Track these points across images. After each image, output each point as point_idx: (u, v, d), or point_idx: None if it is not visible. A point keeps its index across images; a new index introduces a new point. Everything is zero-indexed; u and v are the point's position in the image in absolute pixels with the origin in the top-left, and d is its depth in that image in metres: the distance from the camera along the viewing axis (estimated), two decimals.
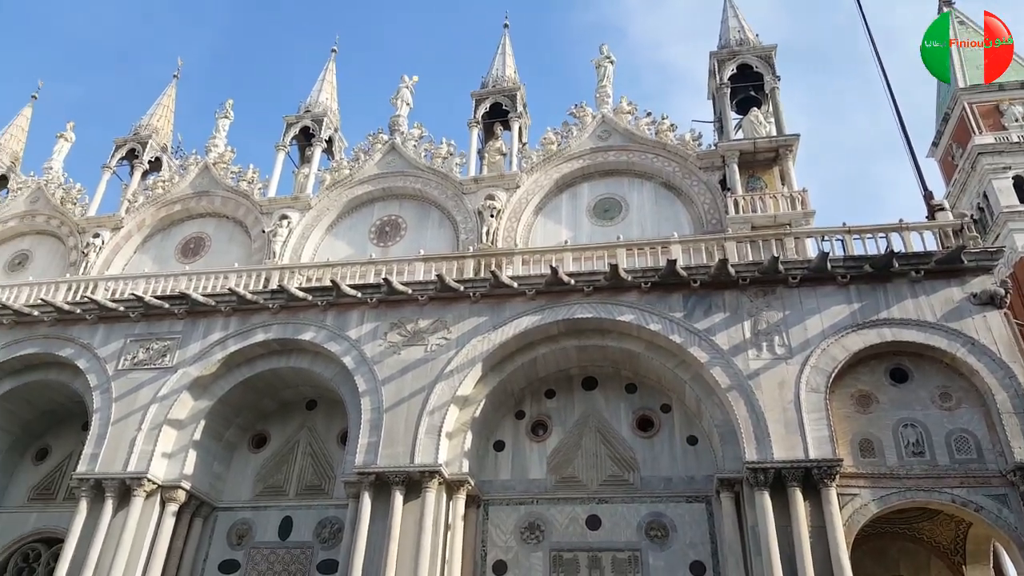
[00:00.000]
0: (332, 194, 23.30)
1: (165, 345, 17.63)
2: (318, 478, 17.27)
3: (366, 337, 16.60)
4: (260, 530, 16.70)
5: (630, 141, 21.86)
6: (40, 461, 19.21)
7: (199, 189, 24.68)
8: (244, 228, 23.73)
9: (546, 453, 16.18)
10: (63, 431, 19.33)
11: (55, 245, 25.40)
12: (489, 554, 15.14)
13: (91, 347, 17.91)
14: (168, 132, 27.53)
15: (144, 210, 24.62)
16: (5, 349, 18.26)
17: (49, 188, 26.34)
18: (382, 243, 22.23)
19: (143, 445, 16.17)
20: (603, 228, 20.50)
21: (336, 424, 17.72)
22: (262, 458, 17.82)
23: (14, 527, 18.11)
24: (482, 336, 15.97)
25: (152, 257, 23.96)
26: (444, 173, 22.50)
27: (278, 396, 18.11)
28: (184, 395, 16.76)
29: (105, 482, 15.87)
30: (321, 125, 25.17)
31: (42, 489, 18.67)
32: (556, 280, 15.87)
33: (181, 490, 16.08)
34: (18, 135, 30.74)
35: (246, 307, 17.45)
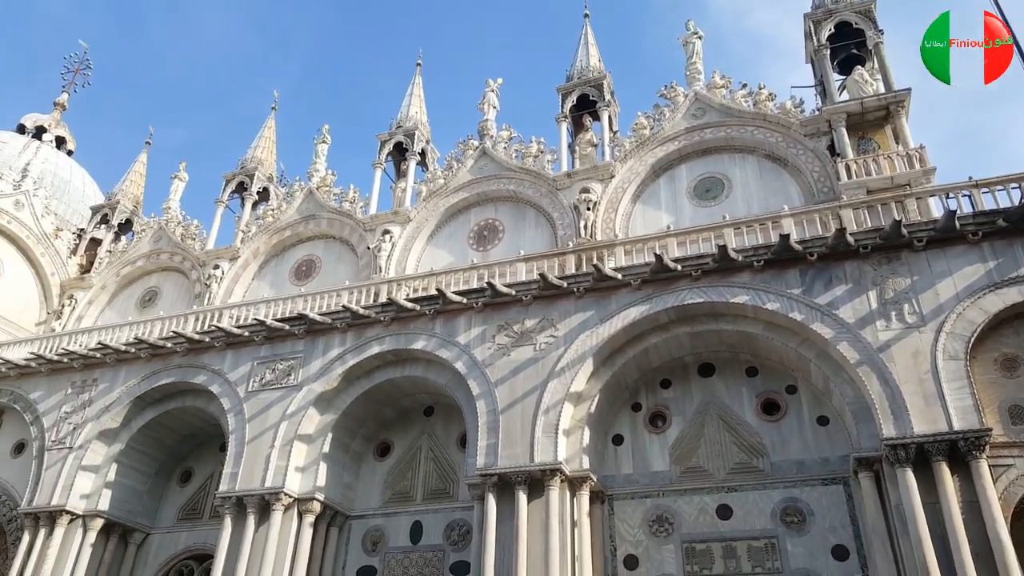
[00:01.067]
0: (429, 205, 23.76)
1: (289, 365, 18.41)
2: (442, 482, 17.59)
3: (475, 341, 16.74)
4: (392, 535, 17.18)
5: (727, 116, 21.11)
6: (185, 483, 20.52)
7: (305, 214, 25.77)
8: (350, 246, 24.58)
9: (667, 444, 15.81)
10: (203, 453, 20.57)
11: (180, 279, 27.17)
12: (619, 549, 14.94)
13: (222, 372, 18.94)
14: (272, 162, 28.90)
15: (257, 239, 25.93)
16: (145, 381, 19.60)
17: (169, 227, 28.21)
18: (481, 247, 22.46)
19: (277, 461, 16.95)
20: (706, 209, 19.88)
21: (454, 428, 17.99)
22: (387, 466, 18.33)
23: (168, 546, 19.44)
24: (590, 331, 15.77)
25: (269, 282, 25.21)
26: (536, 171, 22.49)
27: (397, 405, 18.56)
28: (311, 410, 17.44)
29: (245, 498, 16.72)
30: (413, 139, 25.72)
31: (189, 509, 19.94)
32: (662, 267, 15.49)
33: (316, 501, 16.75)
34: (137, 180, 33.13)
35: (360, 322, 17.98)
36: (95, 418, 19.47)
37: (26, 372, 21.17)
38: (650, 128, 21.84)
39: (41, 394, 20.72)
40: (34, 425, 20.27)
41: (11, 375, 21.31)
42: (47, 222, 29.50)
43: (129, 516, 19.26)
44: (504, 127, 24.25)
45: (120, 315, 26.65)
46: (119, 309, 27.60)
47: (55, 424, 19.88)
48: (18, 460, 20.57)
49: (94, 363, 20.36)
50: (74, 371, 20.60)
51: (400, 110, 26.82)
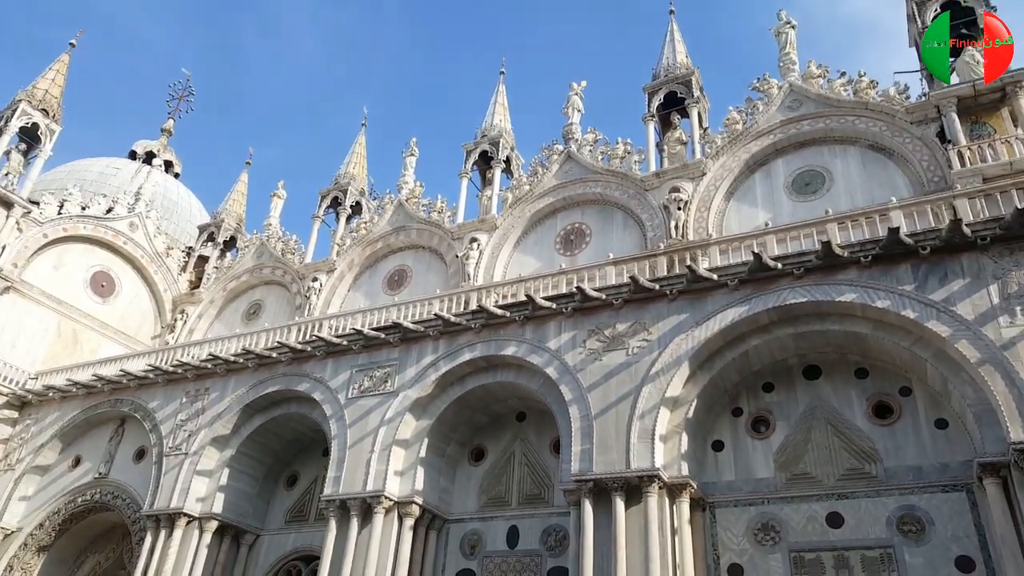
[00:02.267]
0: (515, 211, 23.88)
1: (386, 372, 18.85)
2: (537, 487, 17.56)
3: (565, 346, 16.65)
4: (489, 540, 17.27)
5: (825, 106, 20.23)
6: (291, 487, 21.32)
7: (396, 225, 26.43)
8: (439, 255, 25.03)
9: (771, 450, 15.21)
10: (307, 458, 21.32)
11: (282, 292, 28.38)
12: (722, 557, 14.47)
13: (323, 380, 19.60)
14: (363, 177, 29.81)
15: (351, 251, 26.78)
16: (253, 389, 20.51)
17: (270, 242, 29.53)
18: (568, 252, 22.37)
19: (377, 465, 17.36)
20: (806, 204, 19.10)
21: (547, 433, 17.93)
22: (482, 471, 18.46)
23: (277, 547, 20.23)
24: (685, 334, 15.38)
25: (363, 293, 25.97)
26: (623, 173, 22.23)
27: (489, 410, 18.68)
28: (407, 416, 17.79)
29: (348, 501, 17.21)
30: (498, 147, 25.96)
31: (296, 512, 20.70)
32: (760, 266, 14.94)
33: (415, 505, 17.05)
34: (239, 199, 34.88)
35: (451, 329, 18.22)
36: (208, 425, 20.52)
37: (144, 383, 22.57)
38: (743, 123, 21.20)
39: (158, 403, 22.04)
40: (153, 432, 21.57)
41: (131, 386, 22.77)
42: (159, 242, 31.44)
43: (241, 518, 20.18)
44: (589, 130, 24.13)
45: (228, 327, 28.07)
46: (226, 322, 29.09)
47: (172, 431, 21.08)
48: (139, 465, 21.93)
49: (206, 373, 21.49)
50: (188, 381, 21.81)
51: (484, 119, 27.14)
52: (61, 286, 27.86)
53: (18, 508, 22.85)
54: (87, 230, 29.12)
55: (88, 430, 23.46)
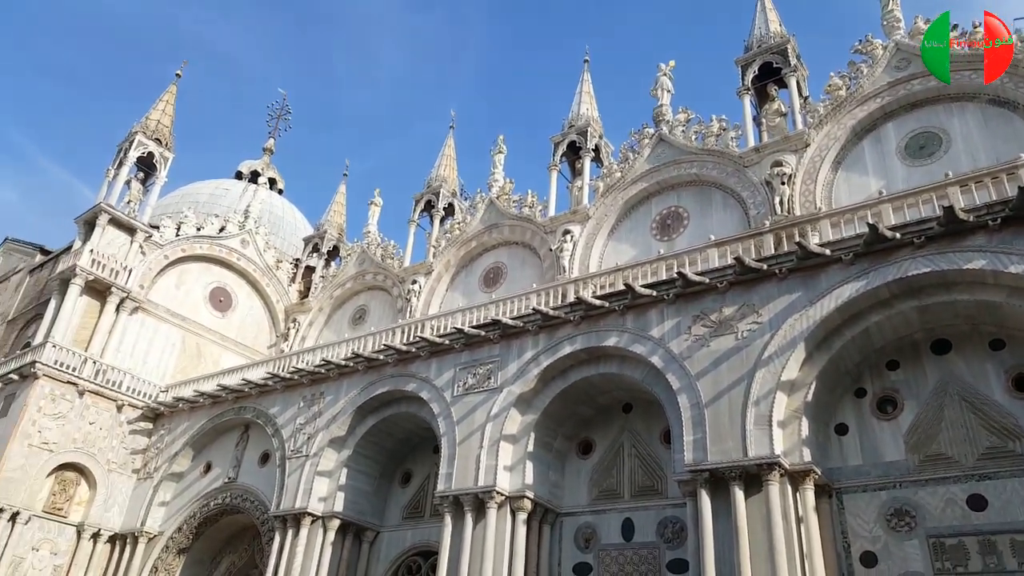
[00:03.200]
0: (607, 200, 23.54)
1: (488, 369, 19.01)
2: (649, 479, 17.24)
3: (669, 334, 16.23)
4: (604, 533, 17.11)
5: None
6: (405, 484, 21.88)
7: (488, 223, 26.62)
8: (532, 250, 25.02)
9: (900, 431, 14.29)
10: (419, 456, 21.82)
11: (384, 296, 29.20)
12: (853, 546, 13.72)
13: (429, 379, 19.98)
14: (454, 178, 30.22)
15: (447, 252, 27.20)
16: (364, 391, 21.16)
17: (370, 249, 30.43)
18: (665, 237, 21.84)
19: (487, 461, 17.53)
20: (922, 168, 17.85)
21: (656, 424, 17.58)
22: (591, 464, 18.30)
23: (396, 544, 20.82)
24: (798, 314, 14.65)
25: (461, 292, 26.33)
26: (720, 151, 21.48)
27: (594, 403, 18.48)
28: (512, 412, 17.86)
29: (461, 497, 17.47)
30: (586, 137, 25.65)
31: (412, 508, 21.23)
32: (876, 237, 14.04)
33: (526, 499, 17.10)
34: (339, 210, 36.12)
35: (550, 323, 18.14)
36: (325, 428, 21.34)
37: (265, 390, 23.73)
38: (846, 88, 20.03)
39: (278, 409, 23.12)
40: (275, 437, 22.65)
41: (252, 394, 24.01)
42: (269, 256, 33.01)
43: (360, 516, 20.88)
44: (681, 109, 23.44)
45: (336, 333, 29.13)
46: (335, 328, 30.21)
47: (292, 435, 22.06)
48: (264, 469, 23.09)
49: (320, 378, 22.36)
50: (304, 386, 22.76)
51: (571, 109, 26.88)
52: (183, 303, 29.72)
53: (158, 513, 24.55)
54: (203, 249, 30.91)
55: (216, 437, 24.91)
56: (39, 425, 23.51)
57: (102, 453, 24.81)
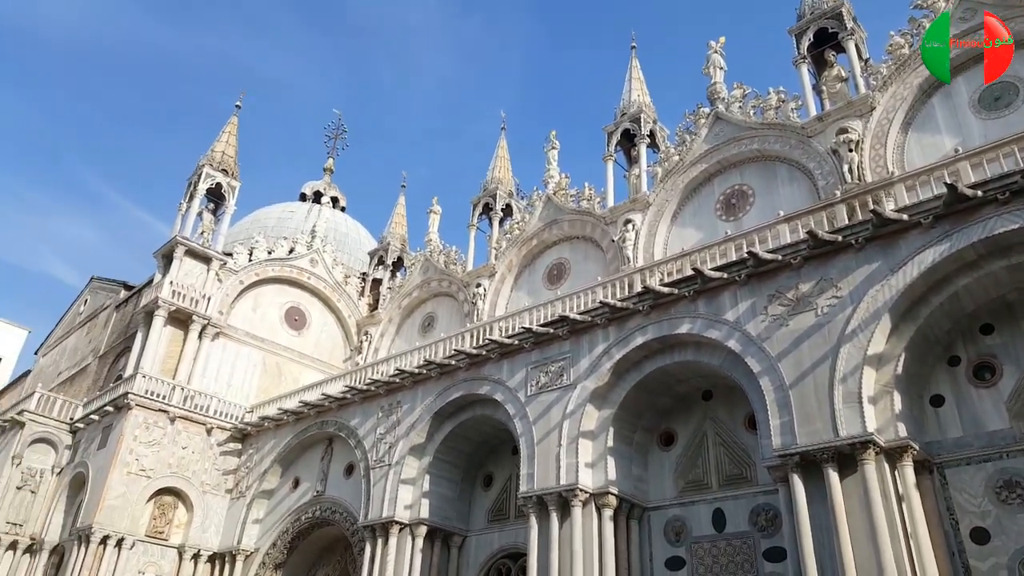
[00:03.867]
0: (667, 185, 23.09)
1: (560, 366, 18.88)
2: (737, 466, 16.80)
3: (745, 316, 15.77)
4: (694, 525, 16.76)
5: (1006, 8, 17.68)
6: (488, 487, 21.96)
7: (547, 220, 26.51)
8: (594, 243, 24.77)
9: (1002, 398, 13.48)
10: (499, 458, 21.86)
11: (450, 302, 29.45)
12: (961, 522, 13.01)
13: (502, 381, 20.00)
14: (509, 179, 30.23)
15: (508, 253, 27.21)
16: (439, 397, 21.35)
17: (433, 257, 30.74)
18: (731, 217, 21.27)
19: (567, 459, 17.40)
20: (999, 120, 16.84)
21: (738, 409, 17.12)
22: (674, 455, 17.96)
23: (484, 547, 20.91)
24: (879, 284, 14.00)
25: (526, 291, 26.30)
26: (781, 124, 20.77)
27: (671, 392, 18.13)
28: (588, 407, 17.68)
29: (545, 497, 17.39)
30: (639, 123, 25.23)
31: (496, 511, 21.29)
32: (956, 197, 13.29)
33: (610, 495, 16.90)
34: (400, 221, 36.64)
35: (619, 315, 17.90)
36: (404, 436, 21.63)
37: (344, 403, 24.24)
38: (909, 46, 19.06)
39: (358, 420, 23.57)
40: (357, 448, 23.09)
41: (333, 407, 24.56)
42: (337, 272, 33.76)
43: (446, 521, 21.07)
44: (736, 85, 22.75)
45: (407, 342, 29.55)
46: (406, 337, 30.65)
47: (373, 445, 22.45)
48: (350, 480, 23.57)
49: (395, 387, 22.69)
50: (381, 397, 23.14)
51: (621, 98, 26.49)
52: (261, 325, 30.67)
53: (253, 531, 25.37)
54: (275, 271, 31.84)
55: (302, 452, 25.58)
56: (136, 453, 24.62)
57: (196, 476, 25.79)
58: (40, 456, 26.60)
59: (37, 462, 26.44)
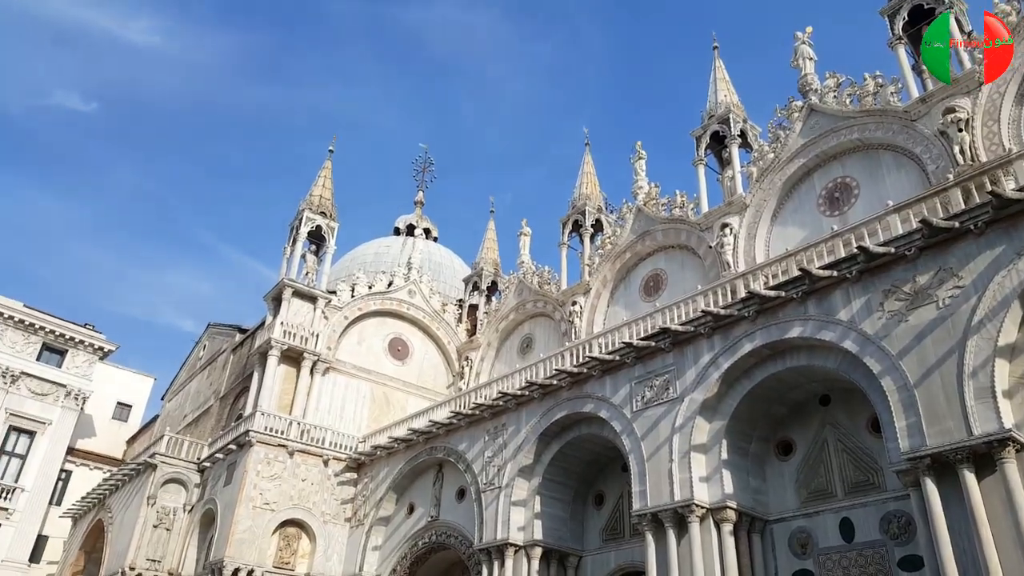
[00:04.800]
0: (763, 184, 22.37)
1: (665, 379, 18.50)
2: (863, 472, 15.90)
3: (860, 314, 14.99)
4: (820, 536, 15.95)
5: None
6: (599, 506, 21.67)
7: (639, 232, 26.18)
8: (690, 250, 24.25)
9: None
10: (608, 476, 21.56)
11: (547, 322, 29.49)
12: None
13: (605, 398, 19.77)
14: (597, 194, 30.11)
15: (602, 268, 27.03)
16: (544, 418, 21.31)
17: (527, 278, 30.95)
18: (835, 211, 20.37)
19: (679, 474, 16.96)
20: None
21: (860, 413, 16.26)
22: (794, 464, 17.20)
23: (600, 566, 20.61)
24: (1005, 270, 13.03)
25: (622, 305, 26.00)
26: (881, 110, 19.77)
27: (786, 400, 17.42)
28: (698, 420, 17.20)
29: (659, 514, 16.99)
30: (729, 124, 24.58)
31: (610, 530, 20.95)
32: None
33: (728, 509, 16.32)
34: (491, 246, 37.14)
35: (723, 323, 17.41)
36: (512, 458, 21.70)
37: (450, 428, 24.61)
38: (1016, 12, 17.77)
39: (466, 445, 23.86)
40: (467, 473, 23.34)
41: (440, 433, 24.97)
42: (434, 301, 34.53)
43: (560, 542, 20.90)
44: (828, 75, 21.83)
45: (507, 365, 29.75)
46: (505, 359, 30.88)
47: (482, 469, 22.63)
48: (462, 504, 23.82)
49: (499, 410, 22.86)
50: (486, 420, 23.35)
51: (707, 100, 25.94)
52: (366, 357, 31.72)
53: (373, 558, 26.00)
54: (376, 305, 32.91)
55: (414, 479, 26.08)
56: (259, 487, 25.78)
57: (316, 507, 26.75)
58: (172, 495, 28.28)
59: (170, 501, 28.12)
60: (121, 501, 29.62)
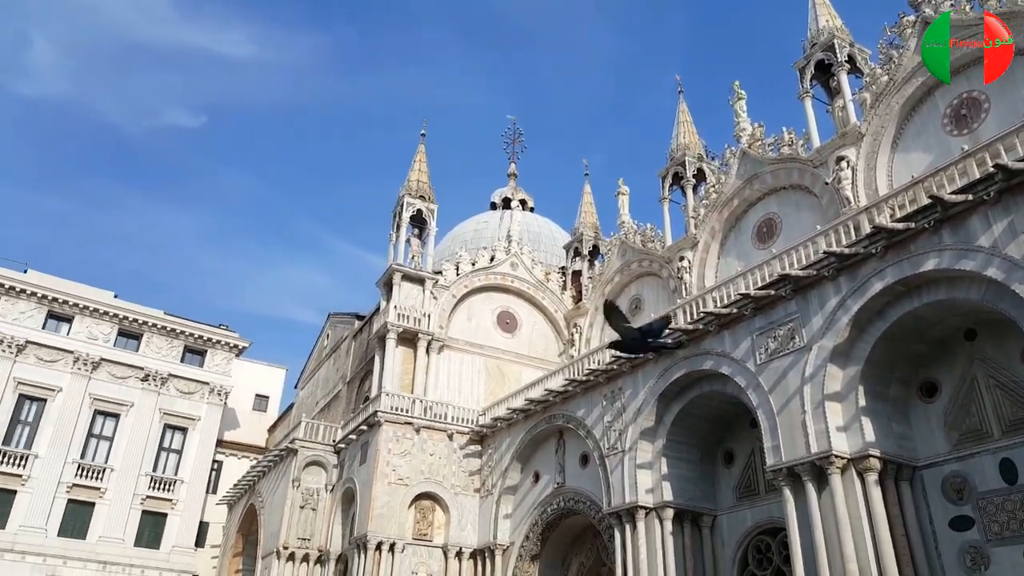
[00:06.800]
0: (880, 110, 20.75)
1: (789, 328, 17.70)
2: (1020, 408, 14.67)
3: (1003, 238, 13.79)
4: (978, 479, 14.89)
5: None
6: (729, 464, 21.11)
7: (746, 176, 24.98)
8: (805, 190, 22.96)
9: None
10: (736, 433, 20.94)
11: (654, 281, 28.86)
12: None
13: (725, 353, 19.14)
14: (696, 143, 28.93)
15: (709, 219, 26.04)
16: (661, 379, 20.87)
17: (629, 238, 30.30)
18: (963, 130, 18.70)
19: (814, 425, 16.21)
20: None
21: (1011, 344, 15.09)
22: (940, 406, 16.08)
23: (736, 525, 20.13)
24: None
25: (734, 256, 25.00)
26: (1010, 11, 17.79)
27: (926, 337, 16.27)
28: (829, 368, 16.36)
29: (796, 468, 16.36)
30: (835, 50, 22.73)
31: (744, 487, 20.40)
32: None
33: (871, 458, 15.47)
34: (589, 210, 36.62)
35: (848, 263, 16.44)
36: (632, 421, 21.46)
37: (566, 396, 24.62)
38: None
39: (584, 411, 23.80)
40: (588, 438, 23.32)
41: (557, 401, 25.05)
42: (537, 271, 34.50)
43: (691, 502, 20.55)
44: None
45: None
46: None
47: (603, 434, 22.52)
48: (586, 470, 23.84)
49: (614, 374, 22.62)
50: (601, 385, 23.19)
51: (808, 28, 24.15)
52: (477, 332, 32.20)
53: (504, 526, 26.55)
54: (481, 281, 33.25)
55: (536, 448, 26.33)
56: (392, 464, 26.81)
57: (446, 479, 27.57)
58: (314, 477, 29.90)
59: (312, 482, 29.74)
60: (269, 486, 31.63)
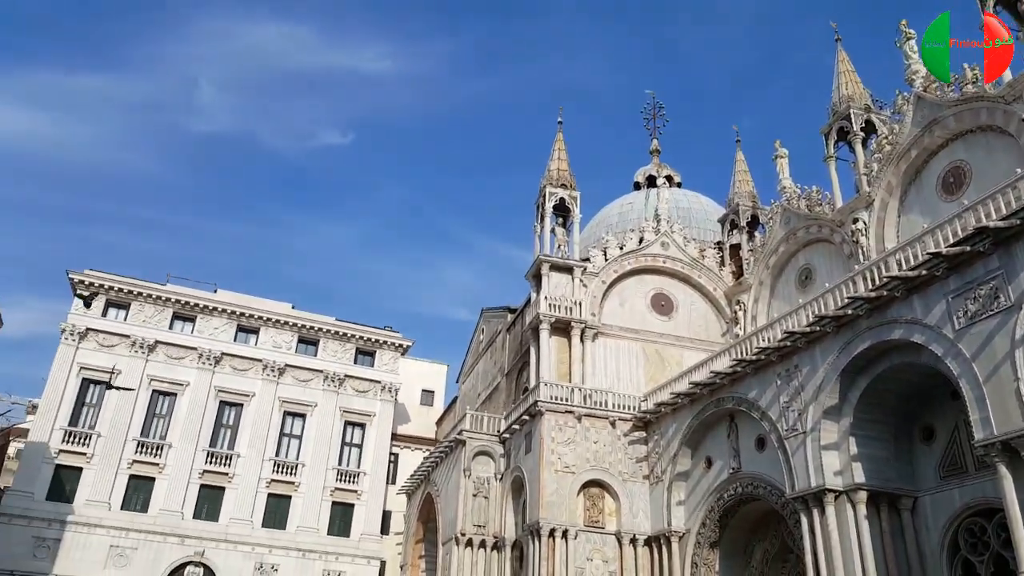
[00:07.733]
0: None
1: (991, 287, 15.83)
2: None
3: None
4: None
5: None
6: (928, 440, 19.15)
7: (923, 123, 22.50)
8: (997, 130, 20.40)
9: None
10: (935, 406, 18.94)
11: (825, 248, 26.79)
12: None
13: (916, 320, 17.40)
14: (861, 92, 26.43)
15: (883, 174, 23.76)
16: (843, 353, 19.31)
17: (792, 204, 28.30)
18: None
19: None
20: None
21: None
22: None
23: (942, 507, 18.22)
24: None
25: (917, 212, 22.70)
26: None
27: None
28: None
29: (1012, 442, 14.63)
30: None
31: (948, 465, 18.42)
32: None
33: None
34: (743, 177, 34.72)
35: None
36: (812, 400, 19.99)
37: (735, 377, 23.42)
38: None
39: (756, 392, 22.51)
40: (763, 420, 22.02)
41: (724, 383, 23.91)
42: (691, 248, 33.15)
43: (887, 483, 18.84)
44: None
45: (786, 302, 27.56)
46: (782, 297, 28.67)
47: (780, 415, 21.16)
48: (764, 453, 22.54)
49: (787, 351, 21.22)
50: (773, 364, 21.81)
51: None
52: (631, 317, 31.46)
53: (678, 512, 25.74)
54: (631, 264, 32.41)
55: (706, 432, 25.29)
56: (557, 452, 26.79)
57: (612, 467, 27.17)
58: (483, 466, 30.56)
59: (482, 472, 30.41)
60: (442, 475, 32.78)
